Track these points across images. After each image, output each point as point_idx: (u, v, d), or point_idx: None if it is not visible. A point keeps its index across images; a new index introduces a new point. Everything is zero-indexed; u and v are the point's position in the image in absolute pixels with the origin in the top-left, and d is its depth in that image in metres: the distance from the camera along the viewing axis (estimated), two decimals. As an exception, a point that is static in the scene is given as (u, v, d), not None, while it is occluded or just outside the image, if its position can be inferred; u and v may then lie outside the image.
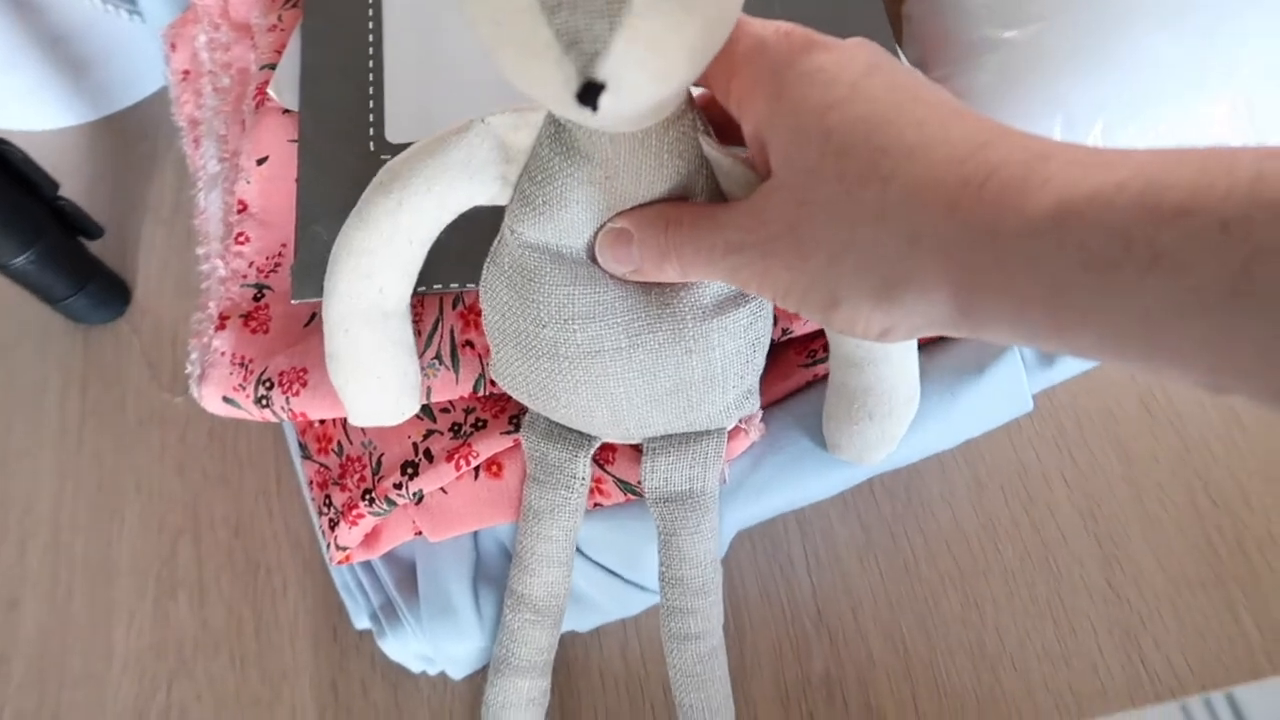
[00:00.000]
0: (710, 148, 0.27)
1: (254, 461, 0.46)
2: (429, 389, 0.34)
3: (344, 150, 0.37)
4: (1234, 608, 0.41)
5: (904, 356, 0.32)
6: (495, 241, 0.30)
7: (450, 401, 0.35)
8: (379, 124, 0.37)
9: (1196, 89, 0.40)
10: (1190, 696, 0.39)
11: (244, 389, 0.36)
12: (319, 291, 0.32)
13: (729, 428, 0.34)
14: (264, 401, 0.36)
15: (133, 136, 0.55)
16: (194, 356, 0.38)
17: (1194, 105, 0.41)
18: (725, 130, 0.28)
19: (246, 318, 0.38)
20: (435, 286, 0.34)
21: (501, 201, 0.28)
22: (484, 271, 0.31)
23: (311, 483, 0.39)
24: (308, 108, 0.38)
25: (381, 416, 0.33)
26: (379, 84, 0.38)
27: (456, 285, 0.34)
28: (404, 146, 0.30)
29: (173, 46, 0.45)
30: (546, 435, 0.34)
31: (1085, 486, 0.44)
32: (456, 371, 0.34)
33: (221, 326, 0.37)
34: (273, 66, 0.40)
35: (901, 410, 0.33)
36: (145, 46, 0.53)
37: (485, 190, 0.28)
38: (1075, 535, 0.43)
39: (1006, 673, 0.40)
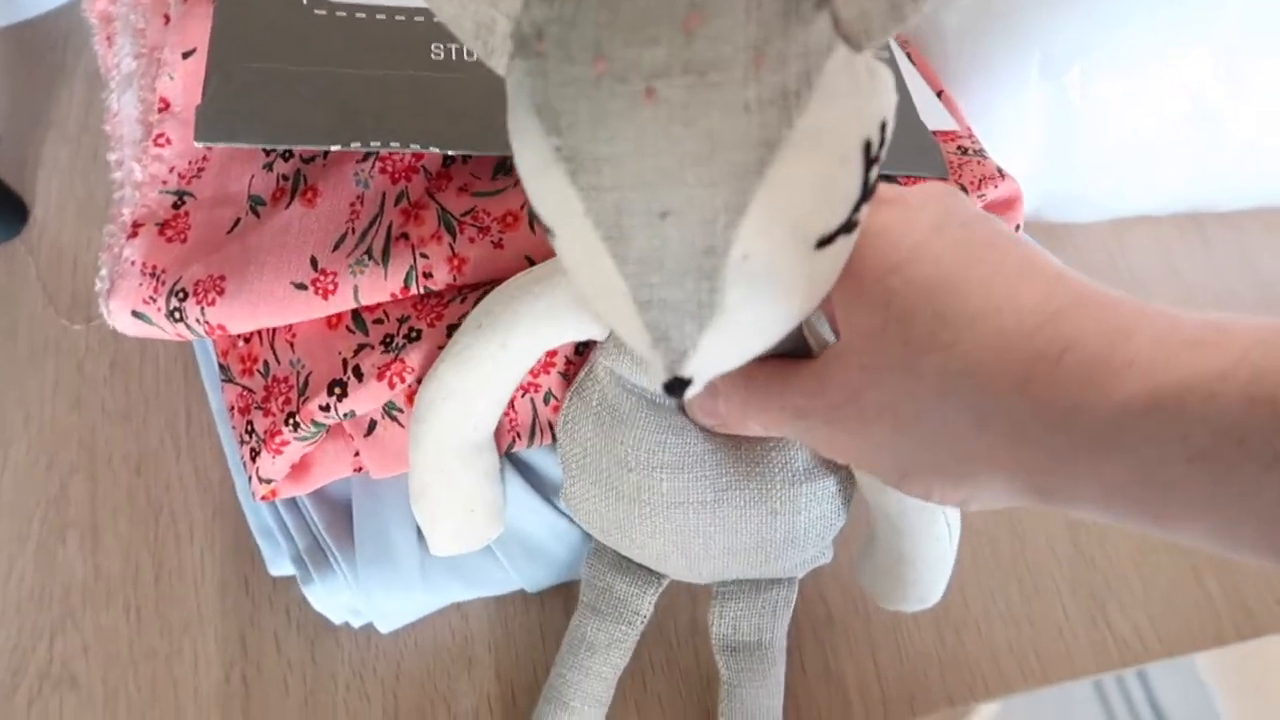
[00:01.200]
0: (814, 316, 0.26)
1: (161, 396, 0.41)
2: (356, 288, 0.31)
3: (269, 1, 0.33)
4: (1199, 574, 0.40)
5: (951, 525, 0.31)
6: (583, 374, 0.30)
7: (384, 309, 0.32)
8: None
9: (1175, 40, 0.40)
10: (1150, 663, 0.38)
11: (155, 301, 0.32)
12: (226, 136, 0.29)
13: (799, 577, 0.33)
14: (177, 314, 0.32)
15: (39, 47, 0.50)
16: (103, 272, 0.34)
17: (1173, 56, 0.40)
18: None
19: (162, 226, 0.34)
20: (374, 144, 0.30)
21: (600, 337, 0.28)
22: (567, 403, 0.30)
23: (233, 409, 0.34)
24: None
25: (466, 544, 0.32)
26: None
27: (411, 146, 0.30)
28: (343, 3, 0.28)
29: None
30: (615, 567, 0.33)
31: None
32: (385, 266, 0.31)
33: (134, 234, 0.33)
34: None
35: (937, 573, 0.32)
36: None
37: (588, 327, 0.27)
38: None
39: (970, 635, 0.38)
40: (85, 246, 0.45)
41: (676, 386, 0.21)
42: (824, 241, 0.20)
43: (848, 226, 0.20)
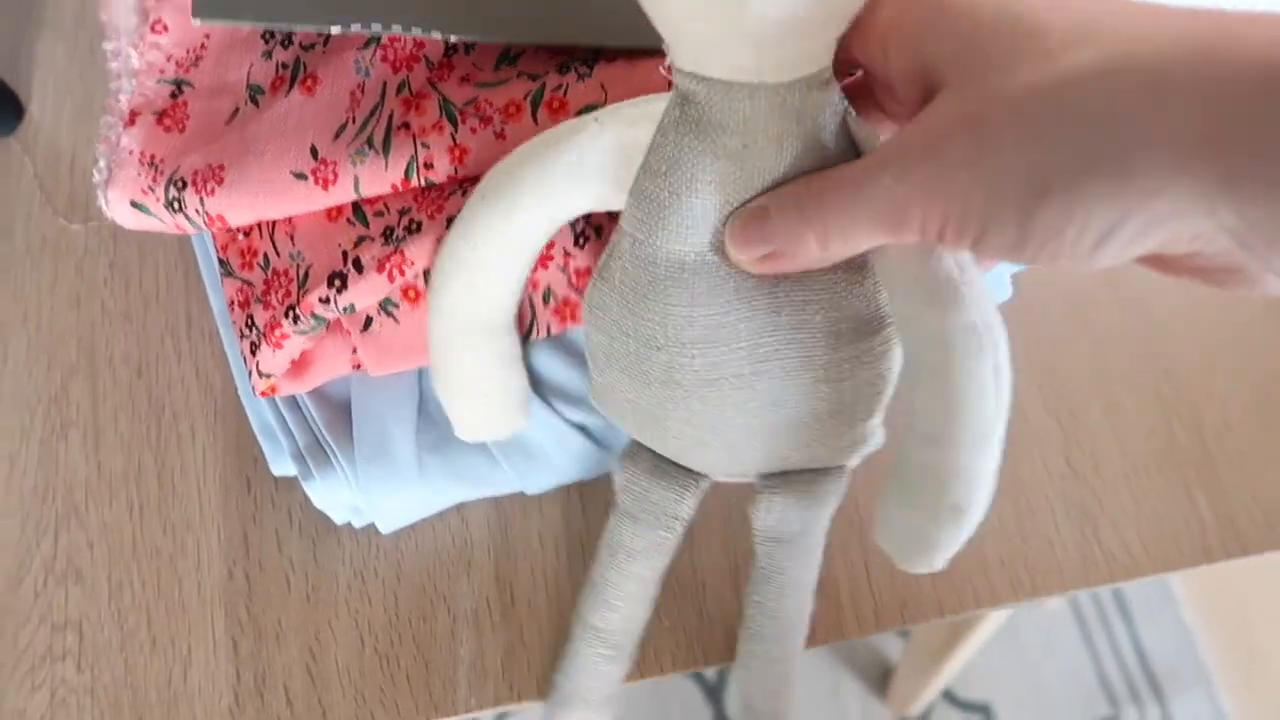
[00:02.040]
0: (860, 127, 0.24)
1: (161, 298, 0.41)
2: (356, 179, 0.30)
3: None
4: (1190, 492, 0.40)
5: (989, 441, 0.26)
6: (605, 254, 0.27)
7: (384, 202, 0.32)
8: None
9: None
10: (1131, 580, 0.39)
11: (153, 191, 0.32)
12: (224, 13, 0.29)
13: (852, 465, 0.31)
14: (175, 205, 0.32)
15: None
16: (101, 163, 0.34)
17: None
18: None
19: (160, 115, 0.33)
20: (375, 27, 0.29)
21: (617, 206, 0.26)
22: (590, 286, 0.28)
23: (232, 303, 0.34)
24: None
25: (491, 430, 0.32)
26: None
27: (412, 30, 0.30)
28: None
29: None
30: (651, 471, 0.31)
31: (1049, 365, 0.42)
32: (386, 156, 0.31)
33: (131, 123, 0.33)
34: None
35: (979, 507, 0.28)
36: None
37: (600, 196, 0.26)
38: (1036, 414, 0.41)
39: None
40: (83, 145, 0.44)
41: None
42: None
43: None
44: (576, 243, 0.32)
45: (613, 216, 0.27)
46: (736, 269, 0.25)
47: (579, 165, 0.26)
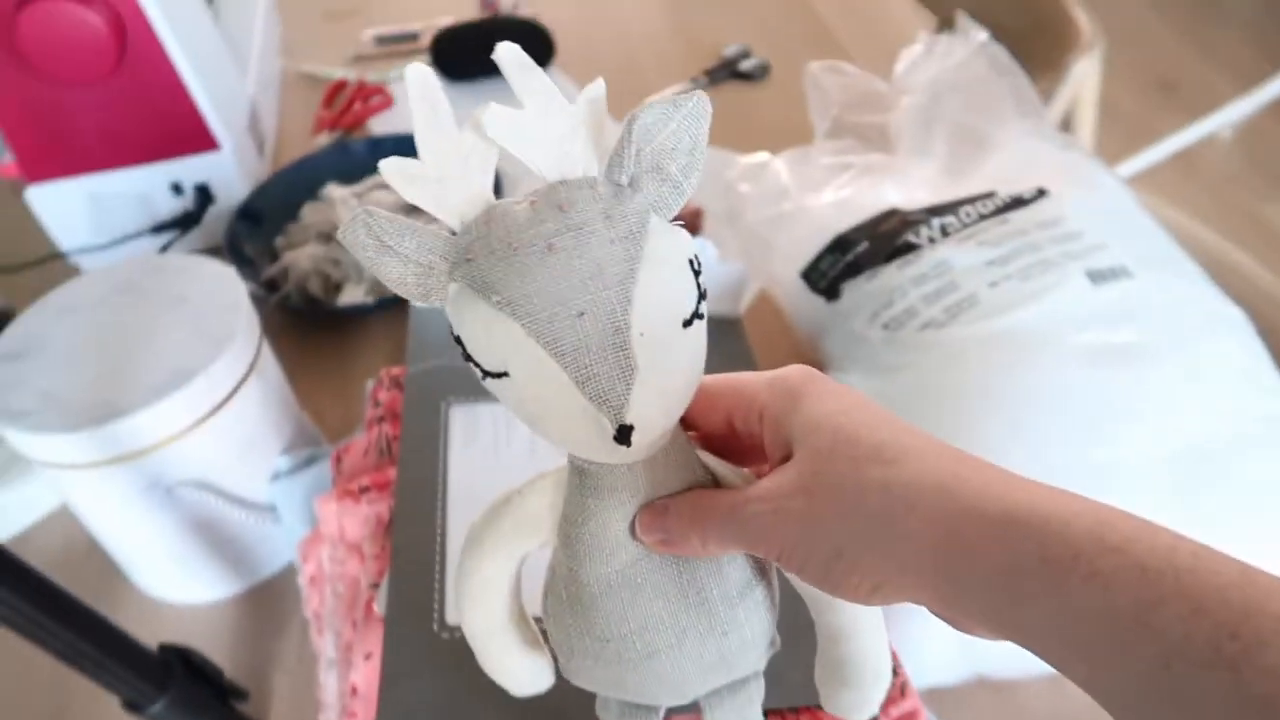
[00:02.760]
0: (708, 457, 0.34)
1: None
2: None
3: (416, 630, 0.49)
4: None
5: (875, 632, 0.36)
6: (548, 575, 0.36)
7: None
8: (441, 609, 0.50)
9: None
10: None
11: None
12: None
13: (762, 667, 0.40)
14: None
15: (270, 599, 0.66)
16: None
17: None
18: (723, 453, 0.35)
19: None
20: None
21: (551, 544, 0.35)
22: (544, 600, 0.36)
23: None
24: (392, 600, 0.51)
25: (537, 685, 0.39)
26: (442, 579, 0.51)
27: None
28: (459, 626, 0.42)
29: (304, 559, 0.58)
30: (620, 713, 0.40)
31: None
32: None
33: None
34: (376, 586, 0.53)
35: (873, 682, 0.37)
36: (280, 536, 0.64)
37: (541, 540, 0.34)
38: None
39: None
40: None
41: (624, 433, 0.28)
42: (686, 323, 0.29)
43: (698, 314, 0.29)
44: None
45: None
46: (648, 575, 0.33)
47: (517, 524, 0.34)
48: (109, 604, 0.68)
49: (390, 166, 0.28)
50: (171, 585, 0.66)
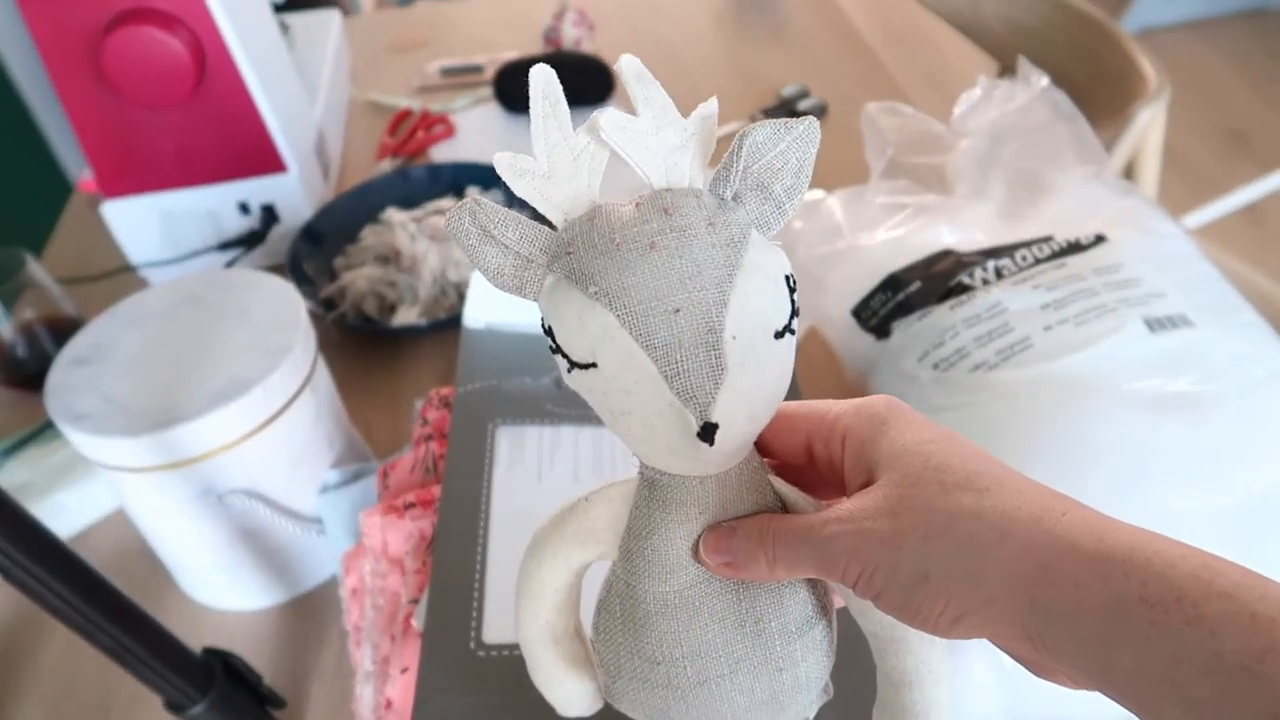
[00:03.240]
0: (780, 483, 0.34)
1: None
2: None
3: (453, 647, 0.50)
4: None
5: (944, 682, 0.35)
6: (603, 590, 0.35)
7: None
8: (479, 627, 0.51)
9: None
10: None
11: None
12: None
13: (812, 715, 0.38)
14: None
15: (311, 611, 0.67)
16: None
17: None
18: (796, 484, 0.34)
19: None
20: None
21: (613, 555, 0.34)
22: (596, 617, 0.35)
23: None
24: (431, 616, 0.51)
25: (571, 705, 0.38)
26: (481, 598, 0.52)
27: None
28: (496, 645, 0.46)
29: (346, 571, 0.59)
30: None
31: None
32: None
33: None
34: (415, 601, 0.54)
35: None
36: (325, 550, 0.65)
37: (601, 552, 0.34)
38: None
39: None
40: None
41: (708, 430, 0.28)
42: (778, 334, 0.29)
43: (789, 329, 0.29)
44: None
45: None
46: (707, 599, 0.33)
47: (581, 533, 0.34)
48: (156, 606, 0.69)
49: (504, 160, 0.29)
50: (218, 592, 0.67)
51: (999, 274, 0.61)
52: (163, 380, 0.57)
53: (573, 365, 0.29)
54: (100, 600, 0.47)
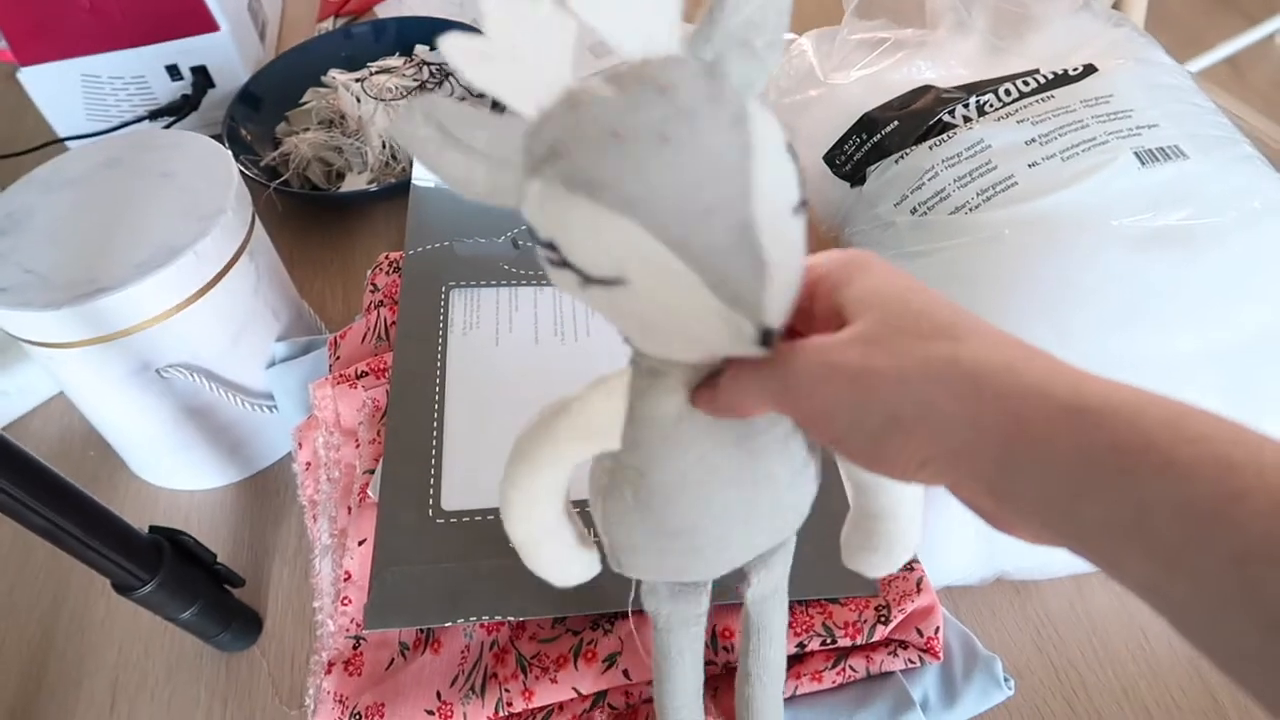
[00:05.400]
0: None
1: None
2: (465, 714, 0.44)
3: (410, 516, 0.48)
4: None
5: (915, 511, 0.36)
6: (605, 479, 0.33)
7: None
8: (437, 496, 0.49)
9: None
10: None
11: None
12: (385, 624, 0.44)
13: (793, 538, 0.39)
14: (354, 727, 0.47)
15: (267, 491, 0.64)
16: (310, 692, 0.50)
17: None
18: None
19: (347, 663, 0.49)
20: (484, 618, 0.44)
21: (614, 448, 0.32)
22: (598, 503, 0.34)
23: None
24: (386, 486, 0.49)
25: (579, 575, 0.37)
26: (439, 466, 0.50)
27: (501, 616, 0.45)
28: (455, 512, 0.45)
29: (299, 444, 0.57)
30: (670, 597, 0.39)
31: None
32: (483, 698, 0.45)
33: (329, 671, 0.49)
34: (371, 472, 0.52)
35: (902, 553, 0.37)
36: (280, 426, 0.63)
37: (600, 446, 0.32)
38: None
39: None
40: (300, 646, 0.56)
41: (767, 336, 0.25)
42: (795, 210, 0.26)
43: (804, 202, 0.27)
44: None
45: None
46: (720, 465, 0.32)
47: (577, 432, 0.32)
48: (106, 490, 0.66)
49: (452, 44, 0.24)
50: (169, 472, 0.65)
51: (981, 110, 0.57)
52: (86, 249, 0.53)
53: (590, 281, 0.26)
54: (32, 483, 0.44)
